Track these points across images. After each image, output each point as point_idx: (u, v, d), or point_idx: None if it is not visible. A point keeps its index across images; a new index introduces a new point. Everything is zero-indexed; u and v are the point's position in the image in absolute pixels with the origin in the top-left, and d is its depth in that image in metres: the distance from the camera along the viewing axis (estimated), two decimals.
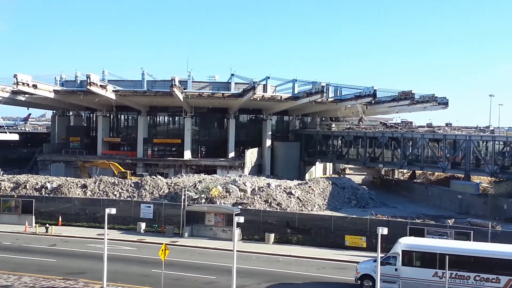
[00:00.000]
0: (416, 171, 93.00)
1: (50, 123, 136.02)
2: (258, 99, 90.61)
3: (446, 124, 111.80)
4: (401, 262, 34.77)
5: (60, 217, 57.75)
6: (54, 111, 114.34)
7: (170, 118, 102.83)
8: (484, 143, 78.24)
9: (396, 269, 34.81)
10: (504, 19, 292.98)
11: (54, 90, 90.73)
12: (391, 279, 34.81)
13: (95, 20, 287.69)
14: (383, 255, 34.60)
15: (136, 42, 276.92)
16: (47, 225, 54.55)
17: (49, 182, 72.17)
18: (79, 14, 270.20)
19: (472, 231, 45.22)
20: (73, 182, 71.37)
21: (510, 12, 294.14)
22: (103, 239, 36.23)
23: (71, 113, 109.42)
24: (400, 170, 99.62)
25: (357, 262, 38.92)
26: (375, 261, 34.35)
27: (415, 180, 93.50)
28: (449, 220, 54.75)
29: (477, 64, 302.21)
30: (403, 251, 34.96)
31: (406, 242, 35.97)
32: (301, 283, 38.12)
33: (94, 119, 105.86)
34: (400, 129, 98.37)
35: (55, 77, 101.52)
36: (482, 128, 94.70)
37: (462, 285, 33.16)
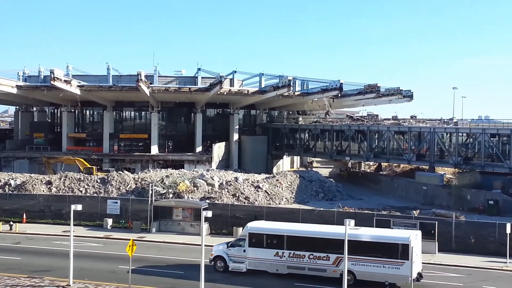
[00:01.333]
0: (382, 163, 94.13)
1: (13, 119, 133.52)
2: (225, 93, 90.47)
3: (411, 117, 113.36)
4: (248, 244, 38.08)
5: (24, 214, 56.76)
6: (17, 107, 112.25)
7: (137, 113, 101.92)
8: (448, 135, 79.65)
9: (244, 250, 38.17)
10: (467, 14, 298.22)
11: (16, 85, 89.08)
12: (240, 259, 38.28)
13: (58, 15, 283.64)
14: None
15: (101, 37, 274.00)
16: (11, 223, 53.62)
17: (12, 179, 70.87)
18: (41, 9, 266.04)
19: (436, 222, 45.97)
20: (37, 179, 70.19)
21: (472, 7, 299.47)
22: (69, 236, 35.76)
23: (34, 108, 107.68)
24: (366, 163, 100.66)
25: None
26: (227, 244, 39.00)
27: (381, 172, 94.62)
28: (414, 211, 55.49)
29: (441, 57, 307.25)
30: (249, 233, 38.42)
31: (252, 225, 39.59)
32: (269, 278, 38.23)
33: (59, 114, 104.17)
34: (366, 122, 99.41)
35: (18, 72, 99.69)
36: (446, 121, 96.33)
37: (298, 263, 36.68)
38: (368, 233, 36.95)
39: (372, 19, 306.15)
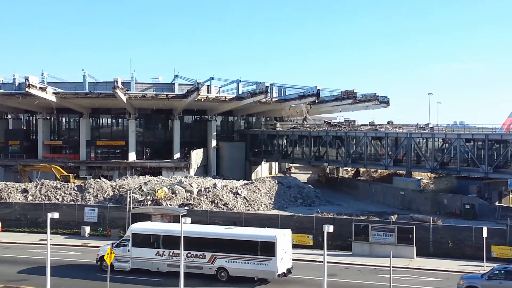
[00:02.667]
0: (360, 169, 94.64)
1: None
2: (203, 100, 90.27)
3: (388, 122, 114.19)
4: (132, 244, 40.18)
5: (0, 223, 55.94)
6: None
7: (114, 120, 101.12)
8: (424, 140, 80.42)
9: (128, 250, 40.20)
10: (441, 19, 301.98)
11: None
12: (125, 259, 40.15)
13: (32, 21, 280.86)
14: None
15: (76, 43, 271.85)
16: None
17: None
18: (15, 15, 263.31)
19: (414, 226, 46.37)
20: (13, 187, 69.23)
21: (447, 12, 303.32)
22: (45, 244, 35.35)
23: (9, 116, 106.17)
24: (344, 168, 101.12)
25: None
26: (112, 244, 40.24)
27: (359, 178, 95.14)
28: (392, 216, 55.96)
29: (415, 63, 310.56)
30: (133, 234, 40.63)
31: (135, 226, 41.90)
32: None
33: (34, 122, 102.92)
34: (344, 128, 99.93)
35: None
36: (422, 126, 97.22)
37: (177, 261, 36.92)
38: (240, 232, 39.49)
39: (347, 24, 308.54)
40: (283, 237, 38.32)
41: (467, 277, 36.30)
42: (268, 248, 37.27)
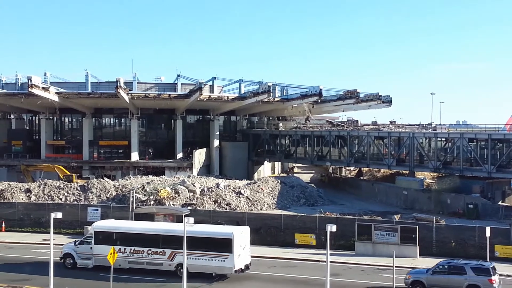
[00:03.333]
0: (362, 169, 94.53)
1: None
2: (205, 99, 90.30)
3: (391, 122, 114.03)
4: (94, 241, 41.04)
5: (3, 223, 56.03)
6: None
7: (116, 120, 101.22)
8: (427, 140, 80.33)
9: (91, 247, 41.06)
10: (444, 18, 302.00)
11: None
12: (87, 256, 41.17)
13: (35, 21, 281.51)
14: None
15: (79, 43, 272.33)
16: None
17: None
18: (17, 15, 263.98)
19: (417, 226, 46.30)
20: (16, 187, 69.30)
21: (449, 12, 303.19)
22: (49, 244, 35.30)
23: (12, 116, 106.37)
24: (347, 168, 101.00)
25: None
26: (75, 242, 42.15)
27: (361, 177, 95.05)
28: (395, 216, 55.85)
29: (418, 62, 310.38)
30: (95, 231, 41.46)
31: (97, 224, 43.04)
32: (252, 282, 38.20)
33: (37, 122, 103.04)
34: (346, 127, 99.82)
35: None
36: (424, 125, 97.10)
37: (138, 258, 39.80)
38: (198, 230, 39.81)
39: (348, 24, 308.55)
40: (240, 234, 39.39)
41: (413, 272, 37.10)
42: (225, 245, 38.26)
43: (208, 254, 38.38)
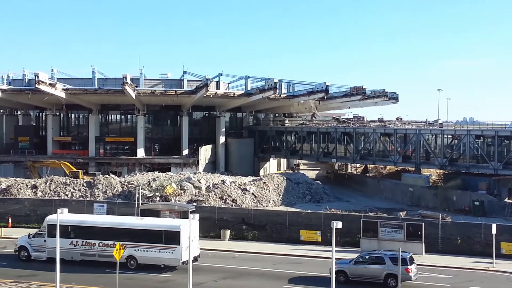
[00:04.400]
0: (368, 165, 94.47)
1: None
2: (211, 96, 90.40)
3: (397, 119, 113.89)
4: (48, 234, 41.61)
5: (10, 219, 56.20)
6: (1, 111, 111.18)
7: (123, 116, 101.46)
8: (433, 136, 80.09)
9: (45, 240, 41.90)
10: (451, 14, 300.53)
11: (1, 89, 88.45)
12: (41, 248, 42.08)
13: (42, 17, 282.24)
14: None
15: (86, 40, 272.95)
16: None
17: None
18: (25, 11, 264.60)
19: (423, 223, 46.23)
20: (22, 183, 69.58)
21: (456, 7, 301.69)
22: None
23: (19, 112, 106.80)
24: (353, 165, 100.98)
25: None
26: (29, 235, 43.23)
27: (367, 174, 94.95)
28: (401, 213, 55.76)
29: (425, 59, 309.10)
30: (48, 225, 41.98)
31: (51, 217, 42.35)
32: (257, 279, 38.26)
33: (44, 118, 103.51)
34: (352, 124, 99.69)
35: (2, 76, 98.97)
36: (431, 122, 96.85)
37: (90, 250, 41.03)
38: (147, 223, 41.44)
39: (355, 21, 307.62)
40: (188, 227, 39.31)
41: (338, 262, 37.70)
42: (173, 237, 39.32)
43: (156, 246, 39.43)
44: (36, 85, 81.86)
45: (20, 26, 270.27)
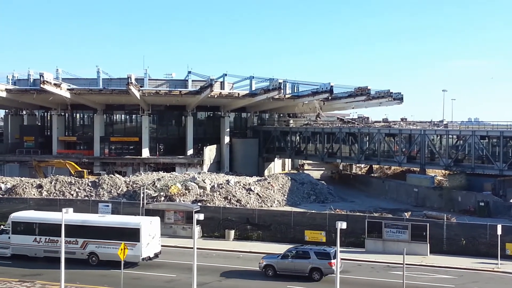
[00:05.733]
0: (373, 166, 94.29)
1: (2, 122, 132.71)
2: (216, 96, 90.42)
3: (402, 119, 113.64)
4: (12, 231, 43.02)
5: None
6: (6, 110, 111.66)
7: (127, 116, 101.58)
8: (438, 137, 79.92)
9: (9, 237, 42.93)
10: (455, 14, 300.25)
11: (6, 89, 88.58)
12: (5, 245, 42.97)
13: (48, 17, 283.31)
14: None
15: (91, 40, 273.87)
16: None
17: (3, 182, 70.43)
18: (30, 12, 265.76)
19: (428, 223, 46.14)
20: (28, 182, 69.80)
21: (461, 7, 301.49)
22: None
23: (24, 112, 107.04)
24: (357, 165, 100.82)
25: None
26: None
27: (372, 175, 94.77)
28: (406, 213, 55.68)
29: (429, 59, 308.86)
30: (12, 222, 43.50)
31: (15, 215, 44.71)
32: (262, 279, 38.26)
33: (49, 118, 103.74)
34: (357, 124, 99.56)
35: (7, 76, 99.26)
36: (436, 123, 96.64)
37: (53, 247, 41.51)
38: (108, 220, 42.29)
39: (360, 19, 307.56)
40: (149, 224, 41.45)
41: (266, 257, 39.87)
42: (133, 234, 40.18)
43: (117, 243, 39.34)
44: (41, 85, 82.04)
45: (25, 26, 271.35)
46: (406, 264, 34.58)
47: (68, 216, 44.06)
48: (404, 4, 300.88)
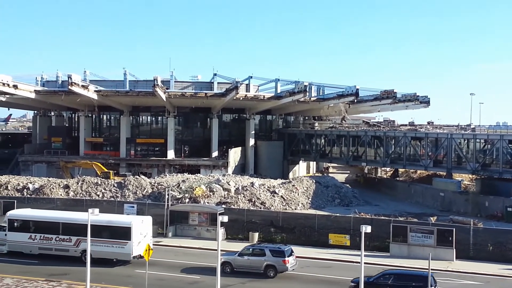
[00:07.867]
0: (398, 169, 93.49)
1: (31, 123, 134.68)
2: (241, 98, 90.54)
3: (428, 123, 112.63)
4: (8, 228, 44.19)
5: None
6: (35, 112, 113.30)
7: (153, 118, 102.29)
8: (466, 141, 78.95)
9: (5, 234, 44.22)
10: (486, 17, 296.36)
11: (35, 90, 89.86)
12: (2, 242, 44.29)
13: (75, 20, 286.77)
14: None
15: (118, 42, 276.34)
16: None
17: (31, 182, 71.51)
18: (60, 14, 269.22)
19: (454, 228, 45.61)
20: (55, 183, 70.77)
21: (489, 10, 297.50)
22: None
23: (52, 113, 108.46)
24: (383, 168, 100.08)
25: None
26: None
27: (397, 178, 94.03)
28: (431, 218, 55.13)
29: (457, 62, 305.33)
30: (8, 219, 44.60)
31: (12, 212, 46.08)
32: (283, 282, 38.20)
33: (76, 119, 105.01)
34: (383, 127, 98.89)
35: (36, 77, 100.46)
36: (463, 127, 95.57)
37: (47, 244, 43.00)
38: (101, 219, 41.26)
39: (386, 23, 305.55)
40: (140, 223, 42.48)
41: (224, 254, 40.46)
42: (124, 233, 41.22)
43: (109, 241, 41.26)
44: (69, 87, 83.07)
45: (55, 29, 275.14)
46: (431, 269, 34.17)
47: (63, 214, 46.15)
48: (433, 7, 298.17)
